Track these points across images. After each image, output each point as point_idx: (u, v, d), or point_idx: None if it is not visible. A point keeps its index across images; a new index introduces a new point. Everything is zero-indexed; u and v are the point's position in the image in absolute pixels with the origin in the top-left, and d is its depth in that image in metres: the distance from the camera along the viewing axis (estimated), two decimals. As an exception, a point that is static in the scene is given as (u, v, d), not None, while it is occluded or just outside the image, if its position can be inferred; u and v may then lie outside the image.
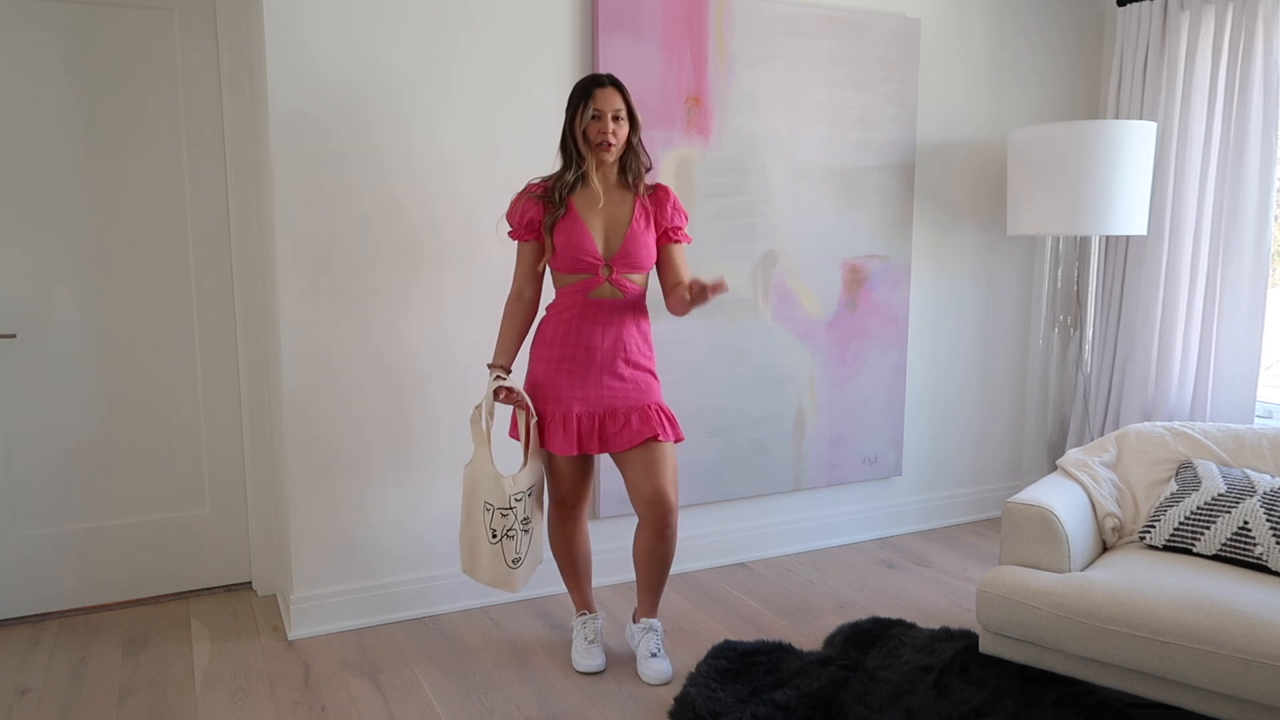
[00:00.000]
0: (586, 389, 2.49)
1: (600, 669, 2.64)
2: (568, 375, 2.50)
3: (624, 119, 2.44)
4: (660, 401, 2.56)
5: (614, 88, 2.44)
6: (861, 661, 2.61)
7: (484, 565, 2.48)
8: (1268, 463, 2.64)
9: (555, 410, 2.50)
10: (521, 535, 2.50)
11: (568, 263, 2.47)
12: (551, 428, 2.51)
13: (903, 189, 3.59)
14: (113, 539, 3.05)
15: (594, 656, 2.66)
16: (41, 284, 2.88)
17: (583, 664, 2.65)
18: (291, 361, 2.77)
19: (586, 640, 2.69)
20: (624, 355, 2.50)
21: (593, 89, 2.42)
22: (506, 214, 2.54)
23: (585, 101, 2.42)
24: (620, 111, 2.43)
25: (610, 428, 2.50)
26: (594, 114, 2.41)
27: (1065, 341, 3.71)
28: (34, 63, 2.79)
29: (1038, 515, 2.45)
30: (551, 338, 2.51)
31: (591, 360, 2.48)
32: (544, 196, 2.48)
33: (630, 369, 2.51)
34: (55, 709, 2.45)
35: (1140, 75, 3.58)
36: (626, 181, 2.52)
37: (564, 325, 2.50)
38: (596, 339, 2.48)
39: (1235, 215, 3.32)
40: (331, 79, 2.71)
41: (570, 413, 2.49)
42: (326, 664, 2.70)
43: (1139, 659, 2.18)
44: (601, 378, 2.49)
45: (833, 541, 3.68)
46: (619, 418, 2.50)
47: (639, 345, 2.54)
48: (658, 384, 2.58)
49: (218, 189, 3.04)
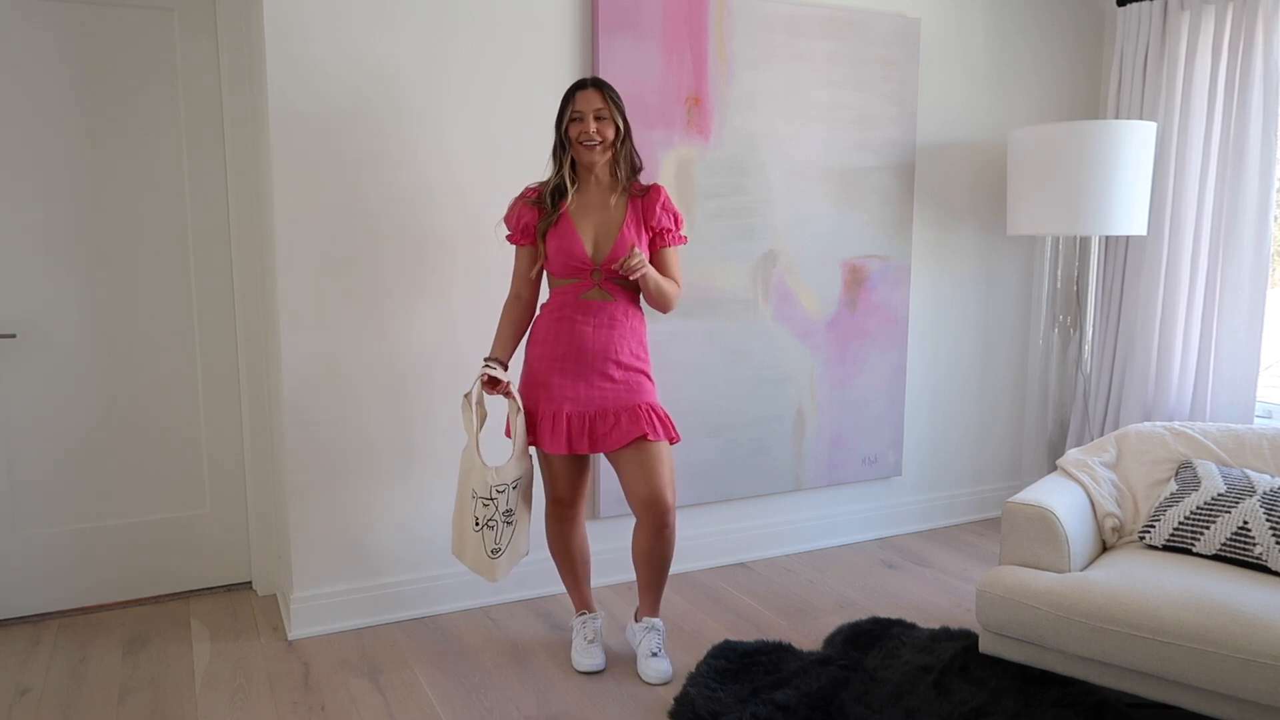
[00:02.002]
0: (578, 389, 2.51)
1: (600, 668, 2.65)
2: (559, 374, 2.51)
3: (607, 118, 2.45)
4: (652, 401, 2.55)
5: (595, 89, 2.46)
6: (861, 661, 2.61)
7: (469, 551, 2.53)
8: (1268, 463, 2.64)
9: (547, 409, 2.52)
10: (503, 527, 2.51)
11: (559, 266, 2.51)
12: (543, 426, 2.53)
13: (903, 189, 3.59)
14: (113, 539, 3.05)
15: (593, 656, 2.66)
16: (42, 284, 2.88)
17: (582, 663, 2.65)
18: (291, 361, 2.77)
19: (586, 640, 2.69)
20: (614, 356, 2.51)
21: (574, 92, 2.47)
22: (504, 218, 2.57)
23: (567, 104, 2.47)
24: (601, 111, 2.44)
25: (600, 428, 2.51)
26: (575, 115, 2.45)
27: (1065, 341, 3.71)
28: (34, 62, 2.79)
29: (1038, 515, 2.45)
30: (544, 337, 2.54)
31: (583, 360, 2.50)
32: (538, 202, 2.51)
33: (621, 370, 2.52)
34: (55, 709, 2.45)
35: (1140, 75, 3.58)
36: (616, 182, 2.54)
37: (556, 325, 2.52)
38: (588, 339, 2.50)
39: (1235, 215, 3.32)
40: (332, 79, 2.71)
41: (561, 412, 2.51)
42: (326, 664, 2.70)
43: (1139, 659, 2.18)
44: (592, 378, 2.51)
45: (833, 541, 3.68)
46: (609, 418, 2.51)
47: (631, 347, 2.54)
48: (651, 385, 2.59)
49: (218, 189, 3.04)
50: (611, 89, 2.48)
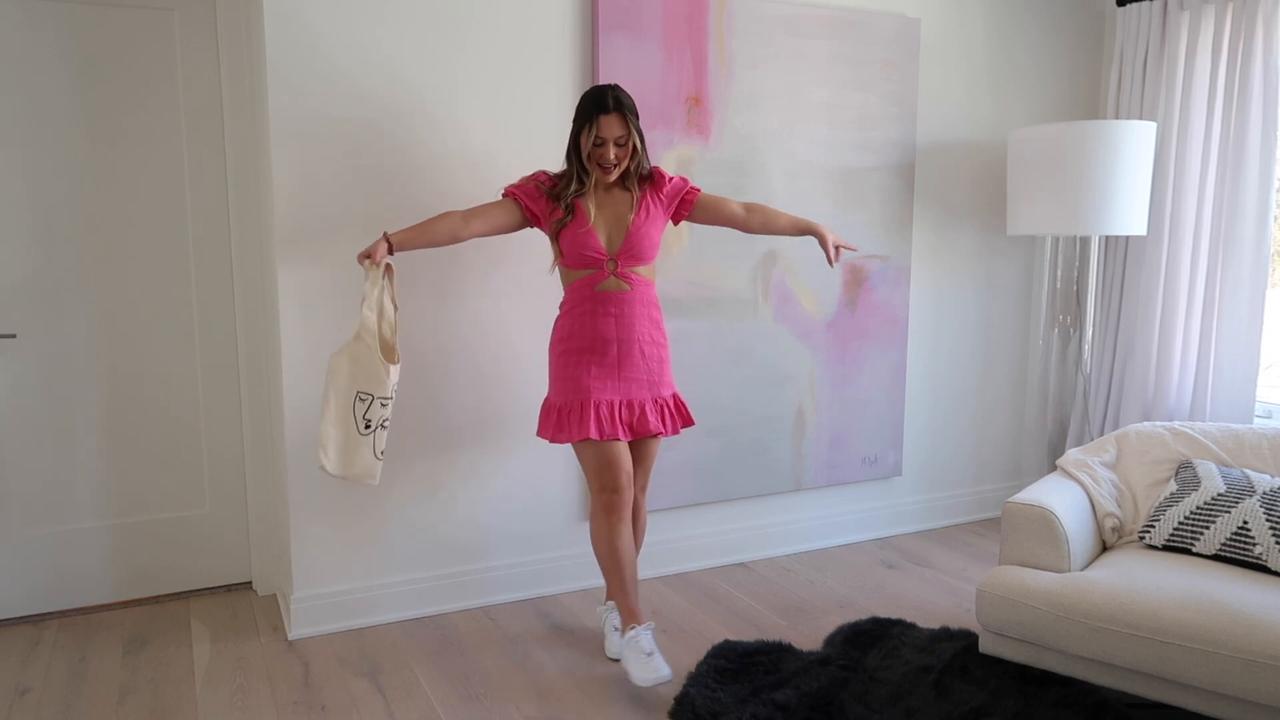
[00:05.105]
0: (605, 380, 2.57)
1: (667, 679, 2.40)
2: (586, 367, 2.57)
3: (626, 144, 2.49)
4: (669, 394, 2.69)
5: (618, 114, 2.46)
6: (861, 661, 2.61)
7: (355, 458, 2.43)
8: (1267, 463, 2.64)
9: (574, 399, 2.56)
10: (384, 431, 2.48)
11: (575, 259, 2.55)
12: (572, 417, 2.56)
13: (903, 189, 3.59)
14: (113, 539, 3.05)
15: (657, 668, 2.40)
16: (42, 284, 2.88)
17: (647, 677, 2.39)
18: (291, 361, 2.77)
19: (644, 653, 2.44)
20: (638, 345, 2.58)
21: (597, 115, 2.45)
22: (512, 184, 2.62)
23: (589, 125, 2.46)
24: (622, 138, 2.48)
25: (627, 415, 2.60)
26: (598, 140, 2.47)
27: (1065, 341, 3.71)
28: (34, 62, 2.79)
29: (1038, 515, 2.45)
30: (567, 332, 2.59)
31: (607, 351, 2.57)
32: (550, 193, 2.56)
33: (644, 359, 2.60)
34: (55, 709, 2.45)
35: (1140, 75, 3.58)
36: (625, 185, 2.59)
37: (576, 320, 2.58)
38: (610, 330, 2.56)
39: (1235, 215, 3.32)
40: (332, 75, 2.71)
41: (588, 400, 2.55)
42: (326, 664, 2.70)
43: (1139, 659, 2.18)
44: (618, 369, 2.58)
45: (833, 541, 3.68)
46: (634, 408, 2.60)
47: (650, 333, 2.62)
48: (670, 374, 2.69)
49: (218, 188, 3.04)
50: (630, 106, 2.49)
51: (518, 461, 3.09)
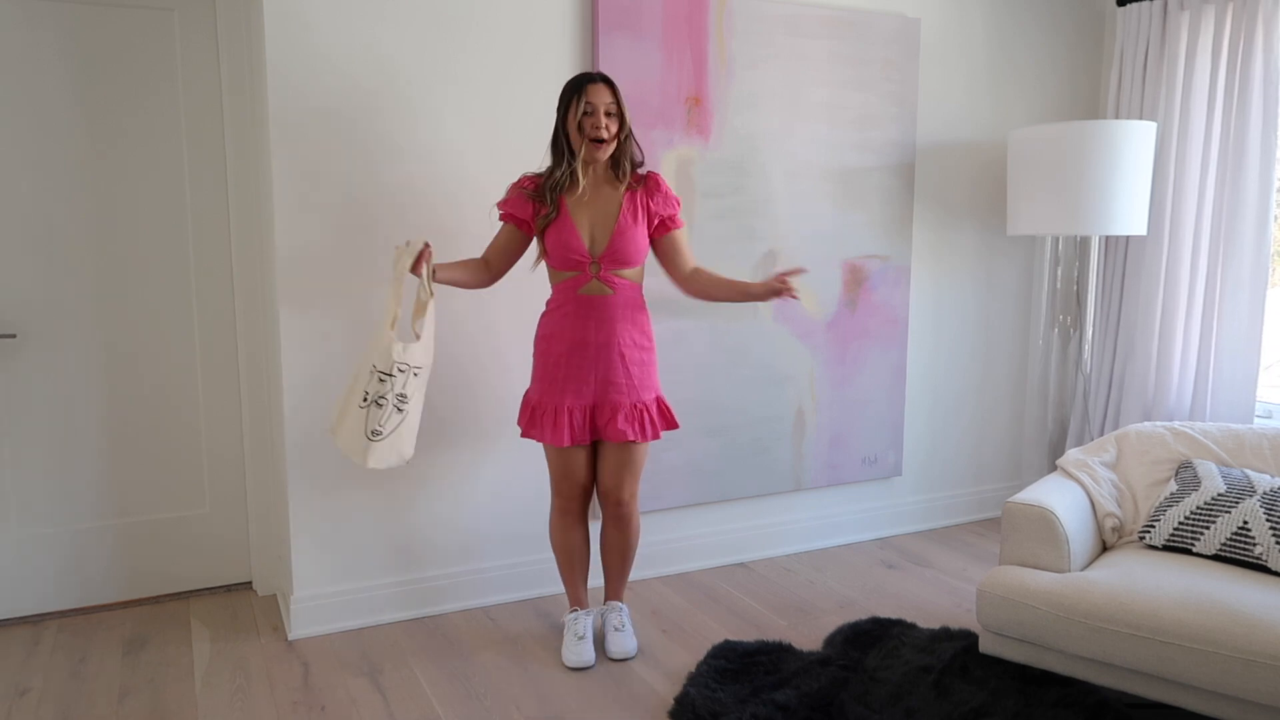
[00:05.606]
0: (583, 384, 2.55)
1: (589, 664, 2.66)
2: (565, 369, 2.55)
3: (615, 114, 2.48)
4: (649, 399, 2.62)
5: (605, 84, 2.47)
6: (861, 662, 2.61)
7: (346, 429, 2.42)
8: (1268, 463, 2.64)
9: (550, 403, 2.57)
10: (393, 411, 2.43)
11: (559, 260, 2.54)
12: (545, 420, 2.57)
13: (903, 189, 3.59)
14: (113, 539, 3.05)
15: (582, 653, 2.67)
16: (42, 284, 2.88)
17: (571, 659, 2.67)
18: (292, 360, 2.77)
19: (576, 636, 2.71)
20: (619, 349, 2.55)
21: (584, 84, 2.46)
22: (499, 203, 2.59)
23: (578, 97, 2.45)
24: (612, 107, 2.46)
25: (599, 419, 2.59)
26: (587, 108, 2.44)
27: (1065, 341, 3.71)
28: (34, 63, 2.79)
29: (1038, 515, 2.45)
30: (549, 332, 2.58)
31: (585, 356, 2.54)
32: (534, 194, 2.53)
33: (624, 364, 2.56)
34: (55, 709, 2.45)
35: (1140, 75, 3.58)
36: (616, 176, 2.55)
37: (557, 322, 2.57)
38: (590, 334, 2.54)
39: (1235, 215, 3.32)
40: (332, 73, 2.71)
41: (563, 406, 2.55)
42: (326, 664, 2.70)
43: (1139, 659, 2.18)
44: (597, 372, 2.55)
45: (833, 541, 3.68)
46: (606, 411, 2.57)
47: (634, 337, 2.58)
48: (653, 378, 2.63)
49: (218, 189, 3.04)
50: (615, 84, 2.50)
51: (518, 462, 3.09)
